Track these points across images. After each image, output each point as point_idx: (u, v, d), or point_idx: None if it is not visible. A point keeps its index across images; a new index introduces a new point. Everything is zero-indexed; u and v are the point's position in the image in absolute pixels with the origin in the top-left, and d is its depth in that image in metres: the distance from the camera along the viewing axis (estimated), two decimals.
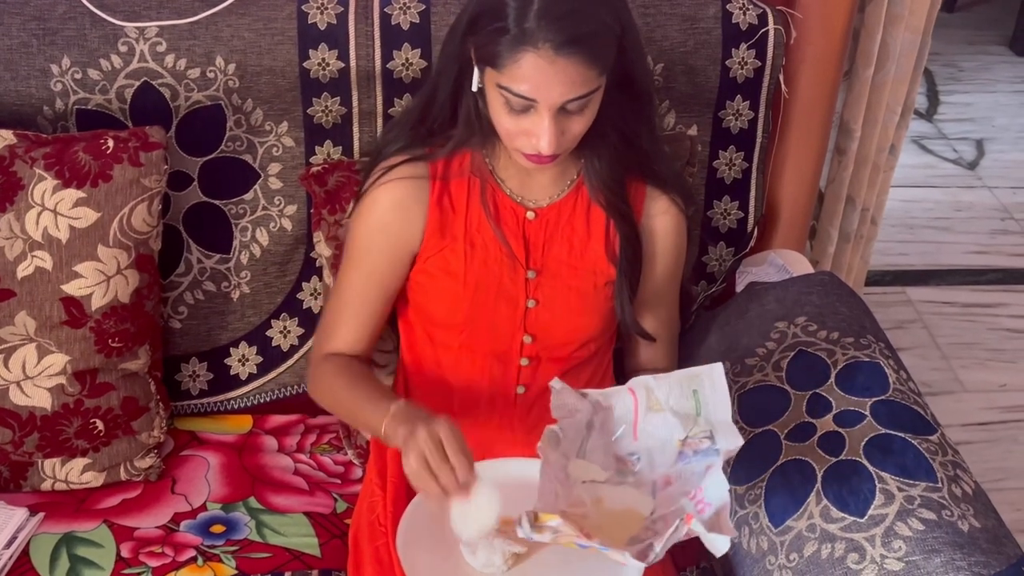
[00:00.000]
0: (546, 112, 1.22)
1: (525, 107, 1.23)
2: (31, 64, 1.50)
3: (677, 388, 1.26)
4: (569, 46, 1.19)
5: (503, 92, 1.23)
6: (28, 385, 1.47)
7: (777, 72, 1.68)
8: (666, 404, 1.26)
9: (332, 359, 1.44)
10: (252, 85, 1.55)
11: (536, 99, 1.22)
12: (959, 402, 2.53)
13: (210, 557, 1.45)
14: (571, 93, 1.21)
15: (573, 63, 1.19)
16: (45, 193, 1.43)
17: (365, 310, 1.44)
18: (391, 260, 1.41)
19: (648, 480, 1.27)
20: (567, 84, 1.20)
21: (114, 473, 1.55)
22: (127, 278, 1.48)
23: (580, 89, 1.22)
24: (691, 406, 1.25)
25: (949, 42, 4.11)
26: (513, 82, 1.21)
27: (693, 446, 1.24)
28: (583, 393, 1.28)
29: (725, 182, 1.73)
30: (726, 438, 1.21)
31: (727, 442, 1.20)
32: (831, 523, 1.27)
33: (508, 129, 1.27)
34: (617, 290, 1.41)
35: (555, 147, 1.25)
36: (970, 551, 1.21)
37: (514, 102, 1.23)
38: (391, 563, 1.32)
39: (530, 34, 1.19)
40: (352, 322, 1.44)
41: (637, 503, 1.26)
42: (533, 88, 1.21)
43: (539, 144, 1.25)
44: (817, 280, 1.63)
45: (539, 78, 1.20)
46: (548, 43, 1.18)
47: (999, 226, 3.19)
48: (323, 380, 1.44)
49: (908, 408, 1.39)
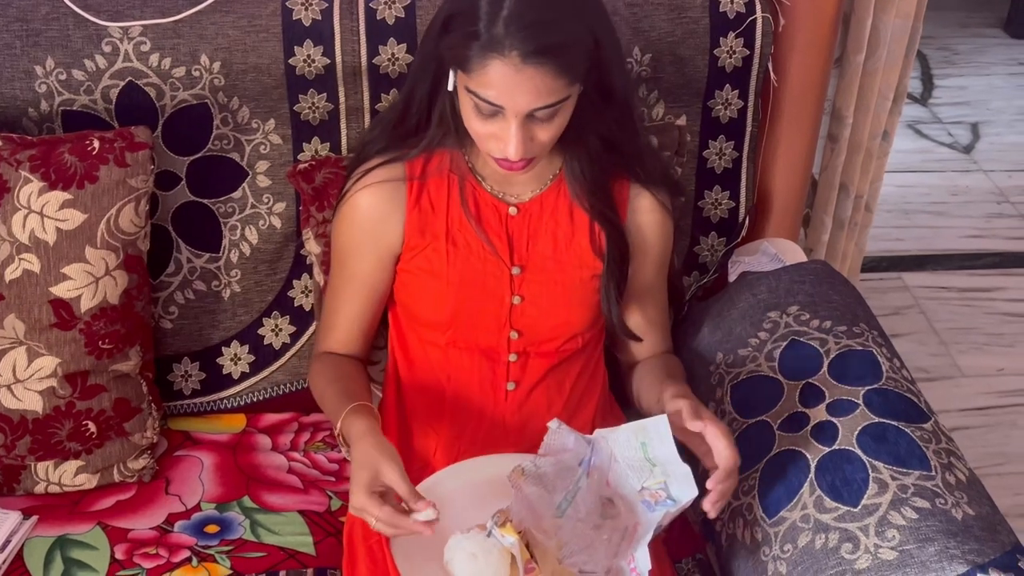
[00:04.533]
0: (513, 119, 1.22)
1: (493, 112, 1.23)
2: (15, 66, 1.49)
3: (624, 440, 1.27)
4: (536, 56, 1.18)
5: (472, 96, 1.23)
6: (19, 388, 1.47)
7: (766, 61, 1.67)
8: (620, 456, 1.28)
9: (324, 358, 1.47)
10: (238, 83, 1.54)
11: (503, 106, 1.21)
12: (957, 387, 2.52)
13: (205, 557, 1.45)
14: (538, 102, 1.21)
15: (540, 73, 1.18)
16: (31, 195, 1.42)
17: (354, 311, 1.45)
18: (374, 262, 1.41)
19: (624, 524, 1.28)
20: (533, 93, 1.20)
21: (107, 475, 1.54)
22: (116, 279, 1.48)
23: (547, 98, 1.21)
24: (640, 457, 1.26)
25: (943, 25, 4.10)
26: (481, 87, 1.21)
27: (653, 496, 1.26)
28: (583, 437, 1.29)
29: (715, 172, 1.72)
30: (680, 488, 1.24)
31: (682, 493, 1.24)
32: (825, 513, 1.27)
33: (478, 132, 1.28)
34: (603, 290, 1.41)
35: (522, 153, 1.25)
36: (964, 539, 1.20)
37: (482, 107, 1.23)
38: (385, 560, 1.32)
39: (498, 40, 1.18)
40: (343, 323, 1.46)
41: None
42: (500, 95, 1.21)
43: (507, 150, 1.25)
44: (809, 269, 1.63)
45: (506, 85, 1.19)
46: (515, 51, 1.18)
47: (995, 210, 3.18)
48: (314, 377, 1.47)
49: (901, 396, 1.38)
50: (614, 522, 1.28)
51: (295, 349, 1.68)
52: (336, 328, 1.46)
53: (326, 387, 1.42)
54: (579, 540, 1.27)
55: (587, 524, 1.28)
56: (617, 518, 1.28)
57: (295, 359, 1.68)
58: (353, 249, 1.41)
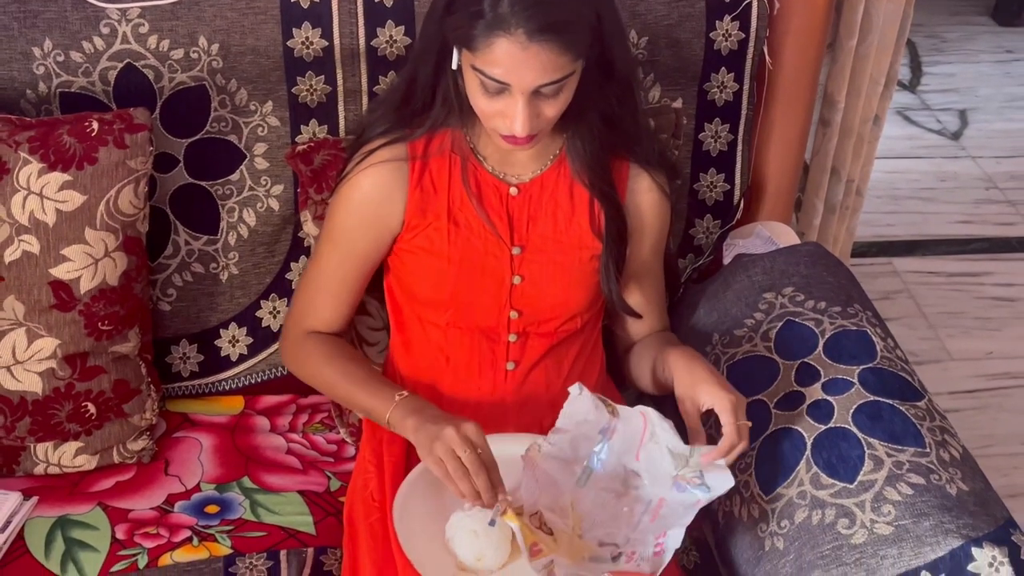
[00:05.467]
0: (519, 95, 1.24)
1: (499, 90, 1.25)
2: (12, 47, 1.49)
3: (671, 429, 1.30)
4: (542, 33, 1.19)
5: (478, 74, 1.24)
6: (18, 370, 1.47)
7: (761, 44, 1.68)
8: (664, 440, 1.30)
9: (315, 338, 1.47)
10: (236, 65, 1.54)
11: (509, 83, 1.23)
12: (946, 370, 2.55)
13: (205, 537, 1.46)
14: (544, 78, 1.22)
15: (546, 49, 1.20)
16: (31, 177, 1.42)
17: (344, 289, 1.46)
18: (371, 241, 1.42)
19: (647, 497, 1.31)
20: (539, 70, 1.21)
21: (107, 456, 1.55)
22: (115, 261, 1.48)
23: (553, 75, 1.22)
24: (685, 449, 1.29)
25: (932, 13, 4.12)
26: (487, 65, 1.22)
27: (686, 480, 1.28)
28: (604, 401, 1.31)
29: (711, 154, 1.73)
30: (717, 479, 1.26)
31: (718, 483, 1.26)
32: (821, 489, 1.29)
33: (483, 110, 1.29)
34: (603, 268, 1.42)
35: (529, 129, 1.26)
36: (958, 514, 1.22)
37: (488, 84, 1.25)
38: (386, 538, 1.33)
39: (504, 19, 1.19)
40: (331, 301, 1.46)
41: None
42: (506, 72, 1.22)
43: (513, 126, 1.26)
44: (804, 251, 1.64)
45: (512, 63, 1.21)
46: (521, 29, 1.19)
47: (983, 195, 3.21)
48: (309, 359, 1.47)
49: (896, 375, 1.40)
50: (637, 492, 1.30)
51: None
52: (324, 308, 1.46)
53: (335, 373, 1.43)
54: (600, 511, 1.29)
55: (609, 492, 1.30)
56: (640, 489, 1.30)
57: None
58: (352, 229, 1.42)
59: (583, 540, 1.29)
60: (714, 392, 1.29)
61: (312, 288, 1.47)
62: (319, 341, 1.47)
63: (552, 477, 1.31)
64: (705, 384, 1.30)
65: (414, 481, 1.34)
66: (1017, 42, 4.07)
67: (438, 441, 1.25)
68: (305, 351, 1.47)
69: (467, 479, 1.24)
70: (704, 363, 1.34)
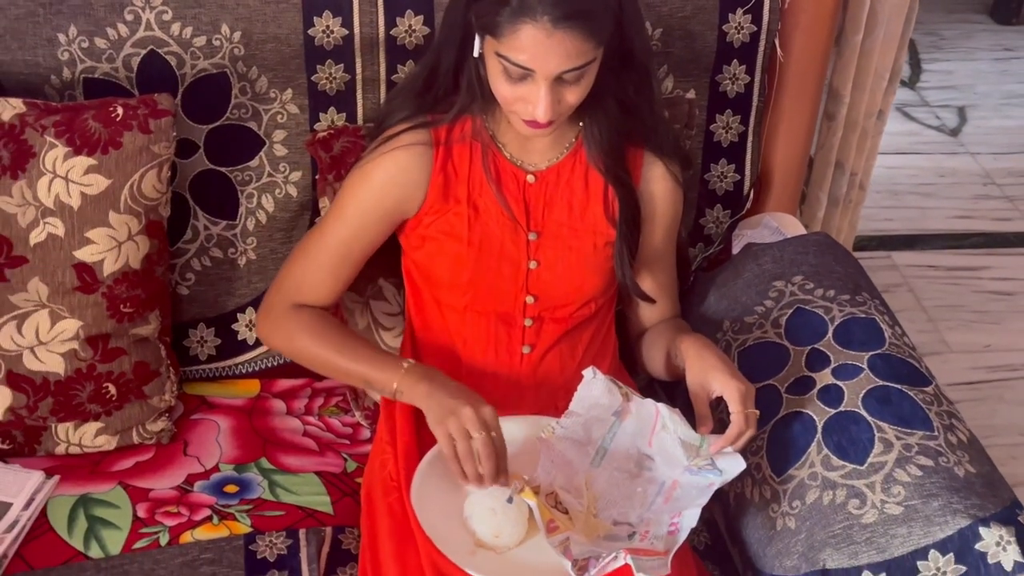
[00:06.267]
0: (543, 81, 1.26)
1: (522, 76, 1.27)
2: (38, 33, 1.51)
3: (682, 421, 1.33)
4: (567, 20, 1.22)
5: (502, 60, 1.27)
6: (41, 351, 1.50)
7: (772, 37, 1.71)
8: (674, 431, 1.33)
9: (304, 312, 1.46)
10: (257, 53, 1.57)
11: (533, 69, 1.25)
12: (946, 363, 2.58)
13: (225, 516, 1.48)
14: (567, 64, 1.25)
15: (570, 36, 1.23)
16: (56, 160, 1.45)
17: (344, 266, 1.47)
18: (383, 223, 1.45)
19: (661, 479, 1.34)
20: (563, 56, 1.24)
21: (127, 436, 1.57)
22: (138, 244, 1.51)
23: (576, 61, 1.25)
24: (697, 439, 1.32)
25: (931, 11, 4.15)
26: (512, 52, 1.25)
27: (698, 466, 1.32)
28: (618, 385, 1.34)
29: (722, 145, 1.76)
30: (729, 463, 1.30)
31: (731, 466, 1.29)
32: (832, 471, 1.32)
33: (505, 96, 1.31)
34: (617, 253, 1.45)
35: (550, 115, 1.29)
36: (966, 495, 1.25)
37: (512, 71, 1.27)
38: (405, 517, 1.35)
39: (530, 6, 1.22)
40: (328, 278, 1.47)
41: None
42: (531, 58, 1.25)
43: (535, 112, 1.29)
44: (813, 240, 1.67)
45: (537, 49, 1.24)
46: (547, 16, 1.22)
47: (981, 191, 3.25)
48: (297, 333, 1.46)
49: (904, 361, 1.43)
50: (650, 474, 1.33)
51: None
52: (321, 284, 1.46)
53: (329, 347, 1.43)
54: (615, 490, 1.32)
55: (623, 472, 1.33)
56: (653, 471, 1.33)
57: None
58: (369, 210, 1.43)
59: (598, 519, 1.32)
60: (724, 380, 1.32)
61: (312, 263, 1.47)
62: (308, 315, 1.46)
63: (567, 458, 1.34)
64: (715, 372, 1.33)
65: (432, 460, 1.36)
66: (1015, 40, 4.11)
67: (453, 417, 1.28)
68: (292, 324, 1.46)
69: (472, 462, 1.27)
70: (715, 351, 1.37)
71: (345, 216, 1.46)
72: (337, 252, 1.46)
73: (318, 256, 1.47)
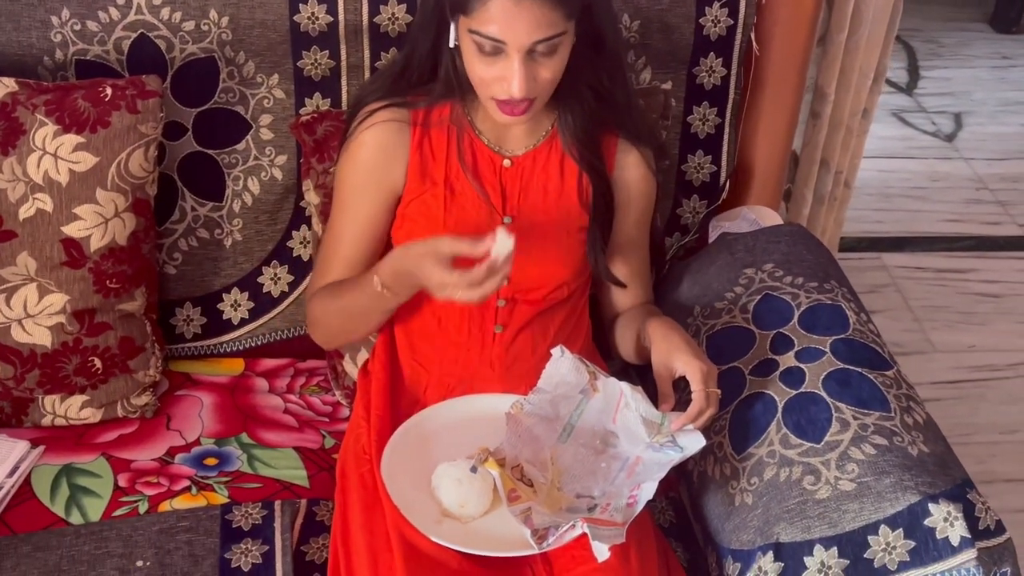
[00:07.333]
0: (515, 54, 1.29)
1: (496, 50, 1.30)
2: (32, 15, 1.56)
3: (644, 399, 1.36)
4: None
5: (474, 37, 1.30)
6: (29, 323, 1.54)
7: (749, 31, 1.74)
8: (637, 408, 1.36)
9: (318, 294, 1.52)
10: (244, 38, 1.61)
11: (505, 40, 1.29)
12: (930, 361, 2.61)
13: (204, 487, 1.52)
14: (538, 34, 1.28)
15: (539, 4, 1.27)
16: (46, 138, 1.49)
17: (356, 253, 1.50)
18: (378, 202, 1.48)
19: (624, 455, 1.37)
20: (533, 25, 1.28)
21: (111, 410, 1.62)
22: (124, 221, 1.55)
23: (547, 31, 1.29)
24: (658, 417, 1.36)
25: (930, 18, 4.19)
26: (482, 25, 1.29)
27: (660, 443, 1.35)
28: (585, 364, 1.38)
29: (698, 137, 1.80)
30: (689, 440, 1.33)
31: (691, 443, 1.33)
32: (790, 449, 1.35)
33: (481, 76, 1.34)
34: (590, 239, 1.49)
35: (525, 91, 1.32)
36: (918, 472, 1.28)
37: (485, 45, 1.30)
38: (375, 487, 1.39)
39: None
40: (343, 265, 1.51)
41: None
42: (501, 29, 1.28)
43: (511, 88, 1.32)
44: (785, 231, 1.71)
45: (506, 19, 1.27)
46: None
47: (973, 196, 3.27)
48: (315, 311, 1.52)
49: (866, 346, 1.46)
50: (615, 450, 1.36)
51: (293, 297, 1.75)
52: (336, 271, 1.51)
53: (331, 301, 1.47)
54: (580, 465, 1.36)
55: (588, 448, 1.36)
56: (617, 447, 1.36)
57: (293, 307, 1.75)
58: (360, 187, 1.47)
59: (561, 492, 1.35)
60: (687, 360, 1.35)
61: (328, 253, 1.51)
62: (320, 295, 1.51)
63: (534, 433, 1.37)
64: (679, 352, 1.36)
65: (403, 433, 1.40)
66: (1013, 48, 4.14)
67: (443, 291, 1.29)
68: (311, 305, 1.52)
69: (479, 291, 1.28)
70: (681, 333, 1.41)
71: (342, 201, 1.49)
72: (345, 240, 1.49)
73: (330, 246, 1.51)
